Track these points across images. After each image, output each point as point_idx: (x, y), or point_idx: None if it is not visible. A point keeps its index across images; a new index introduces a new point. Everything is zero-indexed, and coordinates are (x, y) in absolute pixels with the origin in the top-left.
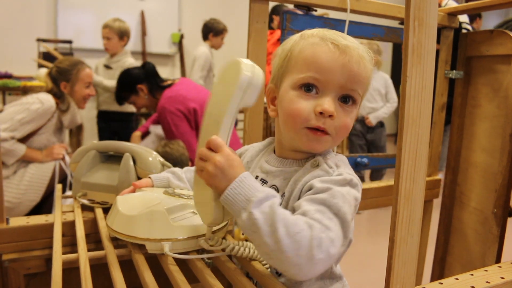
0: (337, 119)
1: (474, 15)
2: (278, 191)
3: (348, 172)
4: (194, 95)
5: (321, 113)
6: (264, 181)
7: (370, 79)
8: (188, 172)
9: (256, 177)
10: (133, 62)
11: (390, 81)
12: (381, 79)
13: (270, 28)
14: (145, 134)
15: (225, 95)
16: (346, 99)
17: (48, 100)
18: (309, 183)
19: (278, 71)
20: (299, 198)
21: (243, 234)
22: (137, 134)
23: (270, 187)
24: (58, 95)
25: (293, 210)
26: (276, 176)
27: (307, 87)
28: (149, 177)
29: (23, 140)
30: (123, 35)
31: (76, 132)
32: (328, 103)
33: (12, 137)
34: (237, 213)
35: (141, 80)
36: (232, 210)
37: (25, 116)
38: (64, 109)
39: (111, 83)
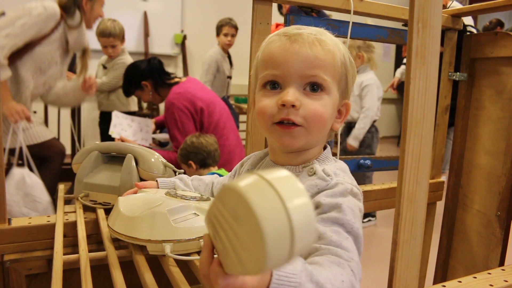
0: (304, 107)
1: (496, 24)
2: None
3: (348, 181)
4: (202, 95)
5: (283, 105)
6: None
7: (337, 60)
8: (195, 180)
9: None
10: (131, 60)
11: (367, 83)
12: (358, 81)
13: (280, 13)
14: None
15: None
16: (313, 87)
17: (51, 6)
18: (315, 199)
19: (253, 79)
20: None
21: None
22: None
23: None
24: (67, 8)
25: None
26: None
27: (271, 85)
28: (156, 180)
29: (26, 49)
30: (123, 36)
31: (82, 56)
32: (288, 94)
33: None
34: None
35: (145, 77)
36: None
37: (27, 21)
38: (73, 25)
39: (108, 79)
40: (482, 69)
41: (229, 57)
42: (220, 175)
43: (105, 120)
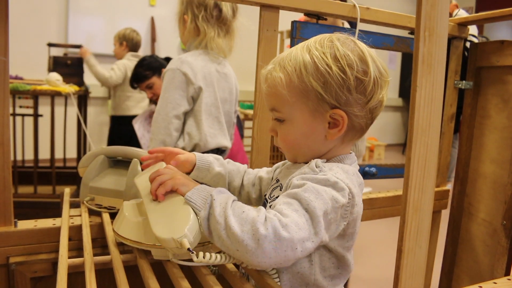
0: (278, 136)
1: None
2: (281, 187)
3: (337, 176)
4: None
5: None
6: (277, 180)
7: (291, 82)
8: (231, 163)
9: (277, 180)
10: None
11: None
12: None
13: None
14: None
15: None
16: (278, 119)
17: None
18: (291, 180)
19: None
20: None
21: None
22: None
23: (276, 182)
24: None
25: None
26: (285, 175)
27: None
28: (194, 154)
29: None
30: (122, 41)
31: None
32: (269, 127)
33: None
34: (201, 202)
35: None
36: (197, 204)
37: None
38: None
39: (102, 70)
40: (488, 77)
41: None
42: None
43: (117, 123)
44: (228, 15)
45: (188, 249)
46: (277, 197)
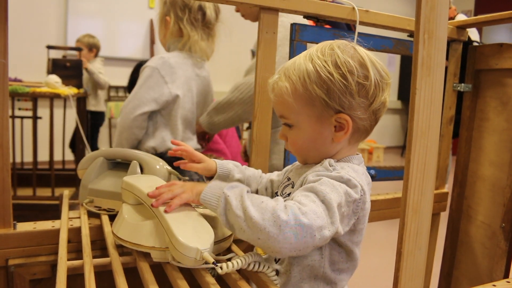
0: (288, 140)
1: None
2: (293, 185)
3: (350, 174)
4: None
5: None
6: (288, 178)
7: (296, 90)
8: (248, 169)
9: (288, 179)
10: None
11: None
12: None
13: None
14: None
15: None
16: (287, 124)
17: None
18: (307, 177)
19: None
20: None
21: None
22: None
23: (287, 180)
24: None
25: None
26: (296, 174)
27: None
28: (214, 161)
29: None
30: (91, 47)
31: None
32: (280, 132)
33: None
34: (215, 201)
35: None
36: (212, 203)
37: None
38: None
39: (99, 76)
40: (486, 80)
41: None
42: None
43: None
44: (211, 18)
45: (213, 262)
46: (288, 194)
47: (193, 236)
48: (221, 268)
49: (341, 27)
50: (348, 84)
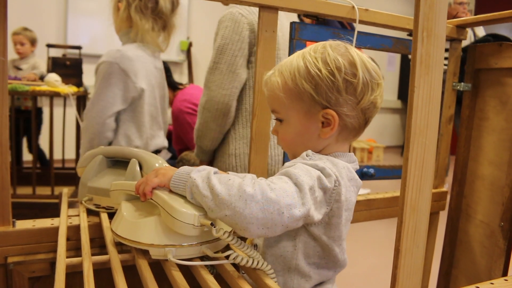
0: (279, 135)
1: None
2: None
3: (326, 164)
4: None
5: None
6: None
7: (287, 84)
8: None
9: None
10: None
11: None
12: None
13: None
14: None
15: None
16: (277, 119)
17: None
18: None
19: None
20: None
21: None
22: None
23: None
24: None
25: None
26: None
27: None
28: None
29: None
30: (34, 41)
31: None
32: (273, 128)
33: None
34: (182, 186)
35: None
36: (180, 188)
37: None
38: None
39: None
40: (486, 79)
41: None
42: None
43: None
44: (164, 8)
45: (211, 223)
46: None
47: (188, 206)
48: (217, 231)
49: (335, 25)
50: (335, 80)
